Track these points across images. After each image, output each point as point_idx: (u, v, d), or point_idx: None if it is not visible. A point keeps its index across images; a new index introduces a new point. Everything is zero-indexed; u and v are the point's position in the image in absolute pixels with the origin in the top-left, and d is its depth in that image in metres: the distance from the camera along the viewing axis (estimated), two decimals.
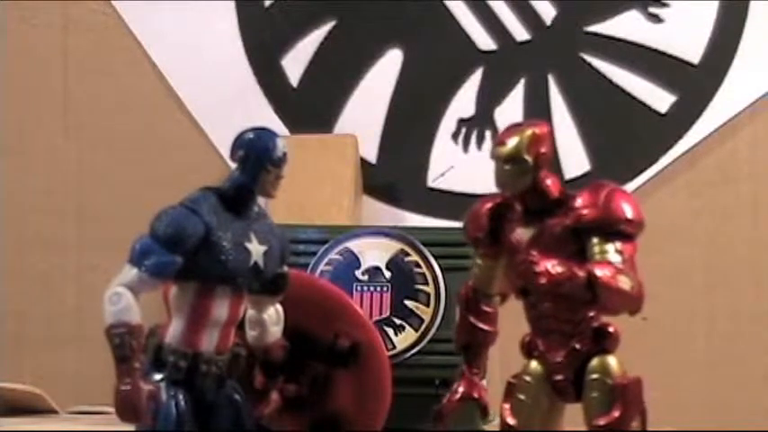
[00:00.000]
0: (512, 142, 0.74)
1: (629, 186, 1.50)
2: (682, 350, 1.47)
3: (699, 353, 1.49)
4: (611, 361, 0.73)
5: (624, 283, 0.71)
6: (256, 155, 0.71)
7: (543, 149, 0.75)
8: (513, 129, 0.76)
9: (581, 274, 0.70)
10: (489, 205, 0.78)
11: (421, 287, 1.01)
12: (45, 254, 1.58)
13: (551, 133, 0.76)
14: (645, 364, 0.74)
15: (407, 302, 1.01)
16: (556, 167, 1.53)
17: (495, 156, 0.75)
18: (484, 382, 1.01)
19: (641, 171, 1.52)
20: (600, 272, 0.70)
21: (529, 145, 0.74)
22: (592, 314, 0.73)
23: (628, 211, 0.73)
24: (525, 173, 0.74)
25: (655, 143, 1.53)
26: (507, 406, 0.76)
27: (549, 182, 0.75)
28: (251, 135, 0.72)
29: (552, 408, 0.76)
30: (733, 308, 1.50)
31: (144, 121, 1.60)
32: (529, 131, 0.75)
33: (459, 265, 1.01)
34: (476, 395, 0.79)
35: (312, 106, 1.58)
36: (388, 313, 1.01)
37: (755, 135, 1.52)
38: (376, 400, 0.88)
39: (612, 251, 0.72)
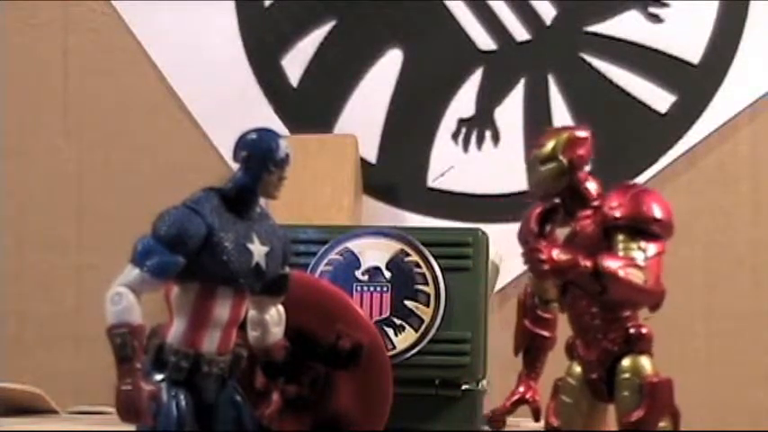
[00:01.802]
0: (549, 143, 0.76)
1: None
2: (681, 350, 1.47)
3: (699, 353, 1.49)
4: (643, 361, 0.73)
5: (634, 275, 0.71)
6: (259, 156, 0.71)
7: (581, 152, 0.76)
8: (552, 131, 0.77)
9: (587, 263, 0.71)
10: (539, 209, 0.78)
11: (421, 287, 1.01)
12: (45, 254, 1.58)
13: (592, 138, 0.77)
14: None
15: (407, 302, 1.01)
16: None
17: (531, 157, 0.76)
18: (484, 383, 1.02)
19: (641, 171, 1.52)
20: (607, 262, 0.71)
21: (566, 146, 0.75)
22: (627, 314, 0.74)
23: (656, 211, 0.74)
24: (560, 174, 0.75)
25: (655, 143, 1.53)
26: (551, 406, 0.77)
27: (587, 184, 0.76)
28: (254, 135, 0.72)
29: (593, 409, 0.76)
30: (733, 308, 1.50)
31: (144, 121, 1.60)
32: (566, 134, 0.76)
33: (460, 265, 1.02)
34: (529, 398, 0.80)
35: (312, 106, 1.58)
36: (388, 313, 1.01)
37: (755, 135, 1.52)
38: (377, 401, 0.88)
39: (636, 248, 0.73)
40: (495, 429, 0.81)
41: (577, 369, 0.76)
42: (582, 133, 0.77)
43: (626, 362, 0.73)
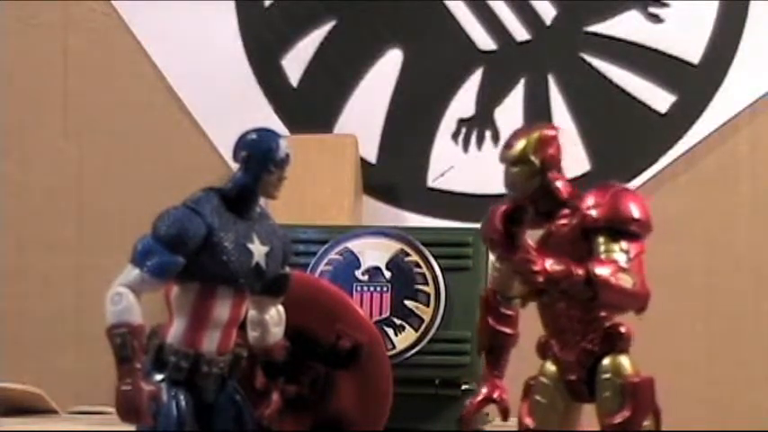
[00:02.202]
0: (519, 144, 0.75)
1: (629, 186, 1.49)
2: (682, 350, 1.47)
3: (699, 353, 1.49)
4: (624, 360, 0.73)
5: (624, 280, 0.71)
6: (259, 156, 0.71)
7: (551, 151, 0.75)
8: (521, 131, 0.76)
9: (580, 272, 0.70)
10: (504, 208, 0.78)
11: (421, 287, 1.01)
12: (45, 254, 1.58)
13: (559, 136, 0.76)
14: (644, 365, 0.74)
15: (407, 302, 1.01)
16: None
17: (503, 158, 0.76)
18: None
19: (641, 171, 1.52)
20: (599, 269, 0.70)
21: (536, 147, 0.75)
22: (604, 314, 0.74)
23: (635, 211, 0.73)
24: (533, 175, 0.75)
25: (655, 143, 1.53)
26: (525, 406, 0.76)
27: (558, 183, 0.75)
28: (254, 136, 0.72)
29: (568, 408, 0.76)
30: (733, 308, 1.50)
31: (144, 121, 1.60)
32: (536, 134, 0.75)
33: (460, 265, 1.02)
34: (497, 397, 0.79)
35: (312, 106, 1.58)
36: (388, 313, 1.01)
37: (755, 135, 1.52)
38: (377, 401, 0.88)
39: (618, 250, 0.72)
40: (467, 430, 0.80)
41: (552, 368, 0.76)
42: (551, 132, 0.76)
43: (606, 362, 0.73)
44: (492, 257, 0.80)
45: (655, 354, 1.41)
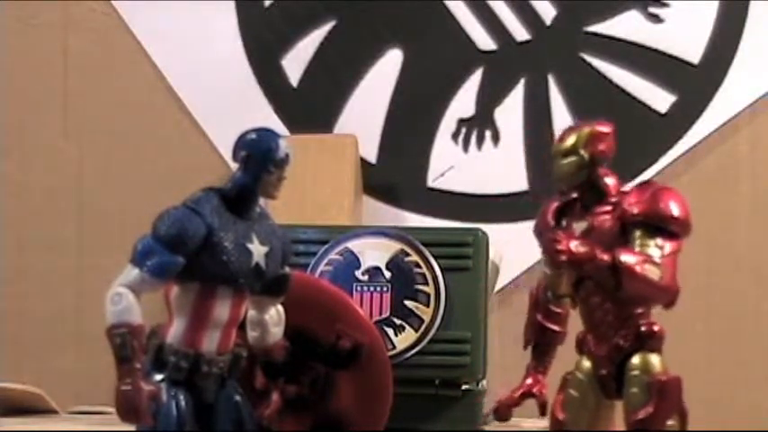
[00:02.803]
0: (570, 137, 0.76)
1: (629, 187, 1.49)
2: (682, 350, 1.47)
3: (699, 353, 1.49)
4: (653, 359, 0.73)
5: (650, 272, 0.71)
6: (259, 155, 0.71)
7: (602, 147, 0.76)
8: (575, 126, 0.78)
9: (605, 257, 0.71)
10: (556, 204, 0.79)
11: (421, 287, 1.01)
12: (45, 254, 1.58)
13: (615, 133, 0.77)
14: None
15: (407, 302, 1.01)
16: None
17: (554, 151, 0.77)
18: (484, 383, 1.02)
19: (641, 171, 1.52)
20: (624, 256, 0.71)
21: (586, 141, 0.76)
22: (639, 311, 0.74)
23: (674, 209, 0.74)
24: (581, 168, 0.75)
25: (655, 143, 1.53)
26: (558, 400, 0.77)
27: (606, 179, 0.76)
28: (253, 135, 0.72)
29: (600, 405, 0.76)
30: (733, 308, 1.50)
31: (144, 121, 1.60)
32: (588, 128, 0.77)
33: (460, 265, 1.02)
34: (536, 391, 0.80)
35: (312, 106, 1.58)
36: (388, 313, 1.01)
37: (755, 135, 1.53)
38: (377, 401, 0.88)
39: (653, 246, 0.73)
40: (501, 420, 0.81)
41: (587, 364, 0.76)
42: (604, 128, 0.77)
43: (636, 359, 0.73)
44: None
45: None
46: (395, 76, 1.58)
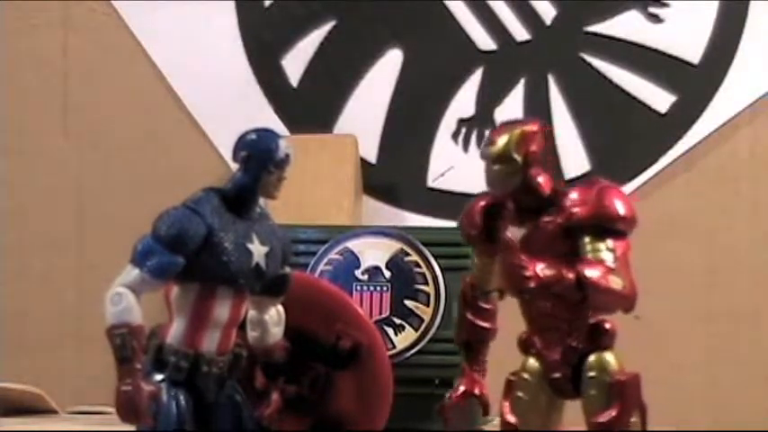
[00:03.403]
0: (501, 142, 0.74)
1: (629, 186, 1.50)
2: (681, 350, 1.47)
3: (699, 353, 1.49)
4: (609, 358, 0.72)
5: (614, 282, 0.70)
6: (259, 156, 0.71)
7: (533, 147, 0.74)
8: (503, 128, 0.75)
9: (570, 275, 0.70)
10: (483, 203, 0.77)
11: (421, 287, 1.01)
12: (45, 254, 1.58)
13: (543, 131, 0.75)
14: (644, 364, 0.73)
15: (407, 302, 1.01)
16: (556, 167, 1.53)
17: (484, 156, 0.75)
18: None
19: (641, 171, 1.52)
20: (589, 272, 0.70)
21: (518, 144, 0.73)
22: (588, 311, 0.73)
23: (620, 209, 0.73)
24: (515, 172, 0.74)
25: (655, 143, 1.53)
26: (507, 404, 0.76)
27: (540, 180, 0.74)
28: (253, 136, 0.72)
29: (551, 405, 0.75)
30: (733, 308, 1.50)
31: (144, 121, 1.60)
32: (518, 130, 0.74)
33: (460, 264, 1.01)
34: (477, 392, 0.79)
35: (312, 106, 1.58)
36: (387, 313, 1.01)
37: (755, 135, 1.52)
38: (377, 401, 0.88)
39: (604, 249, 0.72)
40: (446, 424, 0.80)
41: (534, 364, 0.75)
42: (533, 128, 0.75)
43: (592, 359, 0.72)
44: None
45: (655, 354, 1.41)
46: (395, 76, 1.58)
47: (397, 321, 1.00)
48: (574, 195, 0.73)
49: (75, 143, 1.61)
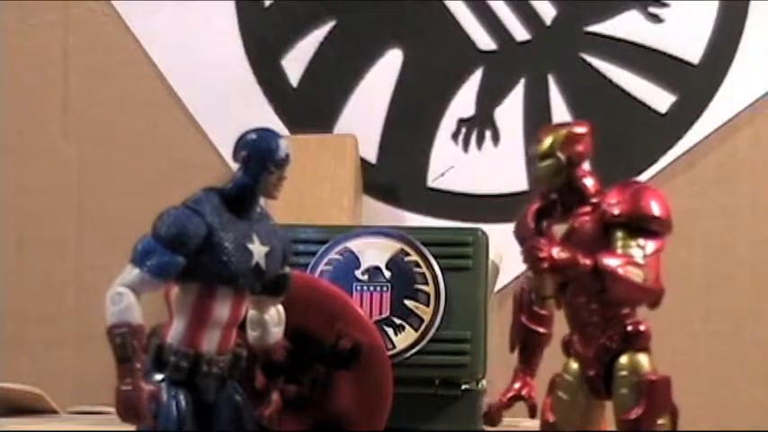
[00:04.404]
0: (547, 140, 0.76)
1: None
2: (681, 350, 1.47)
3: (698, 353, 1.49)
4: (641, 358, 0.73)
5: (633, 273, 0.71)
6: (259, 156, 0.71)
7: (579, 148, 0.76)
8: (551, 127, 0.77)
9: (587, 261, 0.71)
10: (536, 206, 0.79)
11: (421, 287, 1.01)
12: (45, 254, 1.58)
13: (592, 133, 0.77)
14: None
15: (407, 302, 1.01)
16: None
17: (531, 153, 0.77)
18: (484, 382, 1.02)
19: (641, 171, 1.52)
20: (606, 260, 0.71)
21: (563, 143, 0.75)
22: (625, 311, 0.74)
23: (655, 209, 0.74)
24: (559, 170, 0.75)
25: (655, 143, 1.53)
26: (548, 402, 0.77)
27: (585, 180, 0.76)
28: (254, 136, 0.72)
29: (590, 406, 0.76)
30: (732, 308, 1.50)
31: (144, 121, 1.60)
32: (564, 130, 0.76)
33: (459, 264, 1.01)
34: (525, 394, 0.80)
35: (312, 106, 1.58)
36: (387, 313, 1.01)
37: (755, 135, 1.53)
38: (377, 401, 0.88)
39: (635, 246, 0.73)
40: (492, 425, 0.81)
41: (574, 366, 0.76)
42: (580, 129, 0.77)
43: (624, 359, 0.73)
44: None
45: (655, 354, 1.41)
46: (395, 76, 1.58)
47: (397, 321, 1.00)
48: (612, 194, 0.75)
49: (75, 143, 1.61)
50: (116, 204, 1.57)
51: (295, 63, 1.59)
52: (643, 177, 1.52)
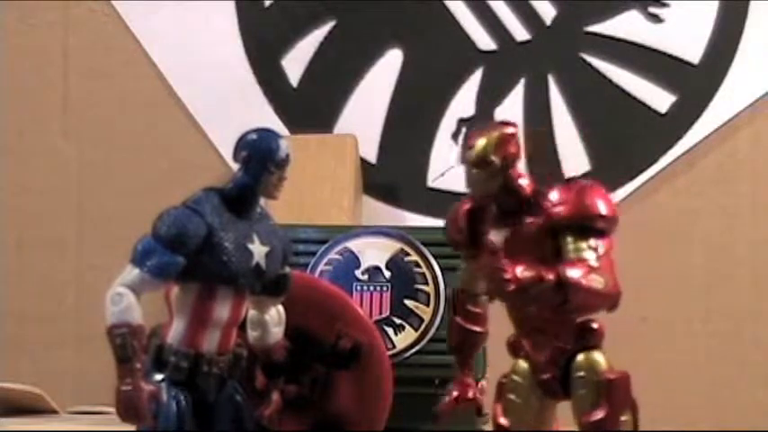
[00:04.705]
0: (479, 146, 0.74)
1: (630, 186, 1.50)
2: (681, 350, 1.47)
3: (699, 353, 1.49)
4: (597, 357, 0.72)
5: (596, 281, 0.70)
6: (259, 156, 0.71)
7: (512, 149, 0.74)
8: (480, 132, 0.75)
9: (550, 276, 0.69)
10: (467, 207, 0.78)
11: (421, 287, 1.01)
12: (45, 254, 1.58)
13: (517, 133, 0.75)
14: (644, 365, 0.74)
15: (407, 302, 1.01)
16: (556, 167, 1.54)
17: (463, 160, 0.75)
18: (484, 383, 1.02)
19: (641, 171, 1.52)
20: (570, 272, 0.69)
21: (496, 147, 0.73)
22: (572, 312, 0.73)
23: (601, 207, 0.73)
24: (494, 175, 0.74)
25: (655, 143, 1.53)
26: (499, 406, 0.76)
27: (520, 182, 0.74)
28: (254, 136, 0.72)
29: (543, 407, 0.75)
30: (733, 308, 1.50)
31: (144, 121, 1.60)
32: (495, 133, 0.74)
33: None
34: (470, 396, 0.79)
35: (312, 106, 1.58)
36: (387, 313, 1.01)
37: (755, 135, 1.52)
38: (377, 401, 0.88)
39: (587, 248, 0.71)
40: (443, 428, 0.80)
41: (524, 366, 0.75)
42: (510, 130, 0.75)
43: (580, 359, 0.72)
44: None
45: (655, 354, 1.42)
46: (395, 76, 1.58)
47: (397, 321, 1.00)
48: (554, 195, 0.73)
49: (76, 143, 1.61)
50: (116, 204, 1.57)
51: (295, 63, 1.59)
52: (643, 177, 1.52)
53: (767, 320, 1.49)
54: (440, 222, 1.52)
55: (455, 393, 0.79)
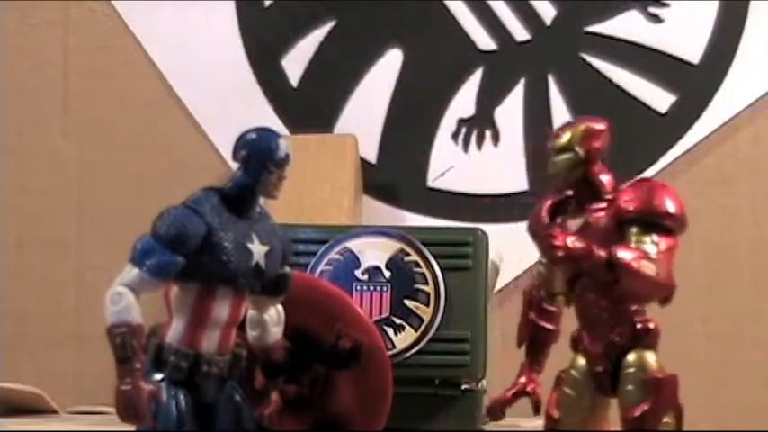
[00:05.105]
0: (566, 134, 0.77)
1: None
2: (682, 350, 1.47)
3: (699, 353, 1.49)
4: (649, 356, 0.74)
5: (647, 267, 0.71)
6: (259, 155, 0.71)
7: (596, 144, 0.76)
8: (571, 122, 0.78)
9: (602, 253, 0.71)
10: (550, 202, 0.79)
11: (421, 287, 1.01)
12: (45, 254, 1.58)
13: (609, 130, 0.78)
14: None
15: (407, 302, 1.01)
16: None
17: (550, 147, 0.77)
18: (484, 382, 1.02)
19: (641, 171, 1.52)
20: (621, 253, 0.71)
21: (582, 138, 0.76)
22: (635, 308, 0.75)
23: (669, 206, 0.74)
24: (576, 165, 0.76)
25: (655, 143, 1.53)
26: (553, 397, 0.77)
27: (602, 176, 0.76)
28: (254, 135, 0.72)
29: (596, 403, 0.76)
30: (733, 308, 1.50)
31: (144, 121, 1.60)
32: (583, 125, 0.77)
33: (460, 264, 1.01)
34: (530, 390, 0.80)
35: (312, 106, 1.58)
36: (387, 313, 1.01)
37: (755, 135, 1.53)
38: (377, 401, 0.88)
39: (648, 242, 0.73)
40: (494, 420, 0.81)
41: (582, 361, 0.76)
42: (598, 126, 0.78)
43: (631, 356, 0.73)
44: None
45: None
46: (395, 76, 1.58)
47: (397, 321, 1.00)
48: (627, 191, 0.76)
49: (76, 143, 1.61)
50: (116, 204, 1.57)
51: (295, 63, 1.59)
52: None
53: (767, 320, 1.49)
54: (440, 222, 1.54)
55: (519, 384, 0.80)
